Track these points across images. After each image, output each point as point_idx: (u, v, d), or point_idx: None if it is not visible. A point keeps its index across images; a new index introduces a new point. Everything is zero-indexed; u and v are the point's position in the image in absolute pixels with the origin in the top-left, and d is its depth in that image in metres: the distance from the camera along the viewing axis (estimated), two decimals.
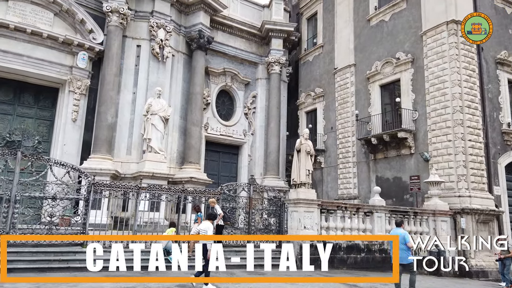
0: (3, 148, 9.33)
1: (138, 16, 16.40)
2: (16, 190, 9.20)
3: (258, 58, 20.35)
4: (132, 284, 7.73)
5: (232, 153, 19.72)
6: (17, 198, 9.17)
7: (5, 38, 13.74)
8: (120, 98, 15.76)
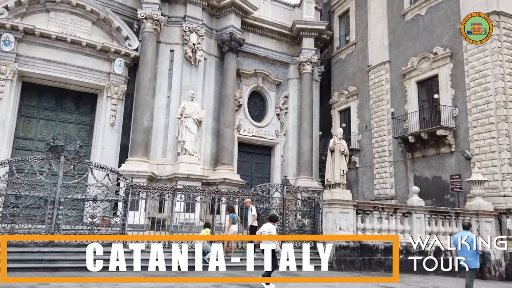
0: (48, 152, 9.78)
1: (171, 21, 16.77)
2: (60, 192, 9.65)
3: (289, 58, 20.24)
4: (170, 284, 7.91)
5: (265, 154, 19.72)
6: (61, 200, 9.61)
7: (47, 47, 14.45)
8: (155, 102, 16.17)
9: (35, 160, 9.73)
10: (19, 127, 14.58)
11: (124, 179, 10.69)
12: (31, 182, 9.57)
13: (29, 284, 7.02)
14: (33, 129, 14.98)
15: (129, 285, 7.60)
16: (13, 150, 14.22)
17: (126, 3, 16.08)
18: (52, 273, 7.05)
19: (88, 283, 7.31)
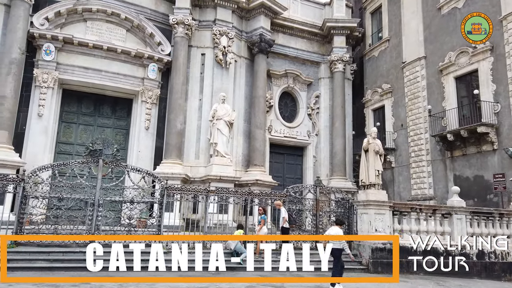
0: (87, 156, 10.18)
1: (202, 25, 17.02)
2: (99, 194, 10.01)
3: (320, 57, 20.00)
4: (205, 284, 8.00)
5: (297, 154, 19.57)
6: (100, 202, 9.97)
7: (85, 55, 15.04)
8: (187, 105, 16.45)
9: (76, 164, 10.16)
10: (60, 132, 15.25)
11: (159, 181, 10.94)
12: (72, 185, 10.00)
13: (72, 284, 7.31)
14: (73, 134, 15.63)
15: (166, 285, 7.75)
16: (55, 155, 14.89)
17: (158, 9, 16.47)
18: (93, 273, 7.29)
19: (126, 283, 7.51)
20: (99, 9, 15.06)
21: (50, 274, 7.16)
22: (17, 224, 9.28)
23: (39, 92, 14.22)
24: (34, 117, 14.14)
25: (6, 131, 13.11)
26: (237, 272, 9.40)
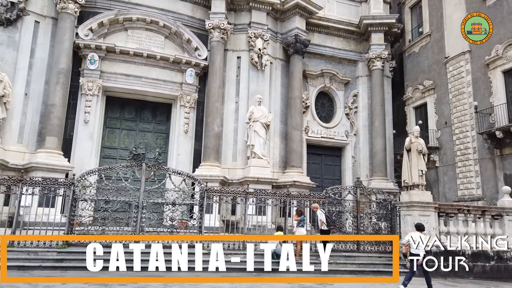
0: (131, 160, 10.61)
1: (237, 29, 17.19)
2: (143, 197, 10.36)
3: (357, 56, 19.58)
4: (248, 284, 8.05)
5: (335, 155, 19.26)
6: (144, 204, 10.32)
7: (126, 63, 15.63)
8: (224, 108, 16.66)
9: (121, 167, 10.58)
10: (105, 137, 15.92)
11: (199, 183, 11.16)
12: (117, 188, 10.42)
13: (120, 284, 7.60)
14: (117, 139, 16.27)
15: (208, 285, 7.89)
16: (100, 159, 15.57)
17: (194, 15, 16.82)
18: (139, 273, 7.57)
19: (171, 283, 7.72)
20: (139, 18, 15.61)
21: (98, 274, 7.47)
22: (68, 225, 9.79)
23: (85, 100, 14.93)
24: (80, 123, 14.87)
25: (56, 138, 13.87)
26: (275, 272, 9.39)
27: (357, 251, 11.76)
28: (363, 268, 10.89)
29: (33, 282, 7.30)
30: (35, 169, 12.96)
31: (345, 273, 10.58)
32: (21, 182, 9.75)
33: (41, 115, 14.24)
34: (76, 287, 7.24)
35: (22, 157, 13.63)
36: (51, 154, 13.49)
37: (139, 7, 15.87)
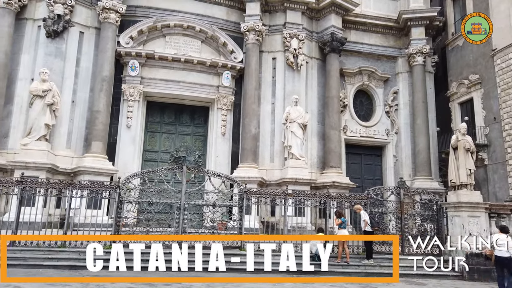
0: (172, 163, 10.85)
1: (272, 30, 17.18)
2: (184, 199, 10.58)
3: (397, 52, 18.95)
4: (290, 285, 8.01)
5: (375, 154, 18.74)
6: (185, 206, 10.54)
7: (165, 68, 16.05)
8: (260, 109, 16.68)
9: (163, 170, 10.89)
10: (146, 141, 16.42)
11: (238, 185, 11.23)
12: (159, 190, 10.70)
13: (165, 283, 7.78)
14: (157, 142, 16.73)
15: (253, 285, 7.91)
16: (142, 162, 16.07)
17: (230, 19, 16.99)
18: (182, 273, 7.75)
19: (213, 283, 7.80)
20: (176, 24, 15.98)
21: (143, 274, 7.70)
22: (115, 226, 10.18)
23: (127, 105, 15.48)
24: (123, 128, 15.43)
25: (101, 142, 14.48)
26: (316, 271, 9.30)
27: (402, 253, 11.36)
28: (409, 271, 10.50)
29: (84, 282, 7.62)
30: (82, 173, 13.59)
31: (389, 276, 10.25)
32: (71, 186, 10.25)
33: (87, 121, 14.92)
34: (124, 286, 7.48)
35: (70, 162, 14.34)
36: (97, 158, 14.10)
37: (176, 13, 16.25)
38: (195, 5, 16.57)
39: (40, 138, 13.37)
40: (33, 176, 11.57)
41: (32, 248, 9.70)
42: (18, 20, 14.65)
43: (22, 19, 14.82)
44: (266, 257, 7.54)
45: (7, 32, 14.11)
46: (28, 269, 8.90)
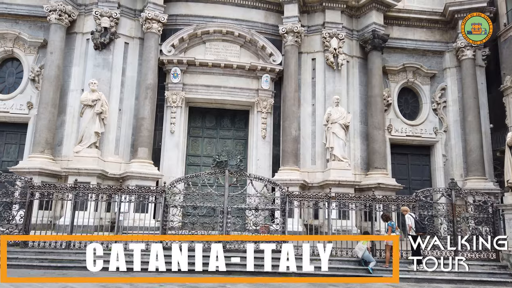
0: (214, 167, 11.03)
1: (311, 30, 16.99)
2: (227, 203, 10.70)
3: (443, 46, 18.05)
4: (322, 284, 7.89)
5: (422, 154, 17.95)
6: (228, 210, 10.65)
7: (206, 74, 16.36)
8: (300, 111, 16.54)
9: (206, 175, 11.07)
10: (189, 146, 16.79)
11: (280, 188, 11.18)
12: (203, 194, 10.90)
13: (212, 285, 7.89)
14: (200, 146, 17.07)
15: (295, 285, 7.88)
16: (186, 166, 16.46)
17: (268, 22, 17.01)
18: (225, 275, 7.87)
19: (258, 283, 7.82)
20: (215, 30, 16.25)
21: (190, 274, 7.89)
22: (161, 230, 10.49)
23: (170, 112, 15.94)
24: (167, 134, 15.89)
25: (146, 148, 15.00)
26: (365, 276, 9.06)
27: (455, 258, 10.75)
28: (462, 277, 9.92)
29: (134, 283, 7.89)
30: (130, 178, 14.14)
31: (443, 282, 9.76)
32: (120, 191, 10.69)
33: (133, 128, 15.53)
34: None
35: (118, 167, 14.97)
36: (143, 163, 14.62)
37: (215, 20, 16.51)
38: (233, 10, 16.76)
39: (91, 146, 14.07)
40: (85, 182, 12.21)
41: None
42: (68, 35, 15.60)
43: (72, 33, 15.77)
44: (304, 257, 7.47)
45: (59, 47, 15.05)
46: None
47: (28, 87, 15.72)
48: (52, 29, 15.12)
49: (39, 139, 14.40)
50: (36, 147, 14.34)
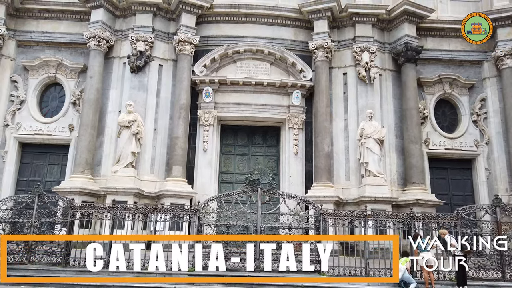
0: (247, 186, 11.06)
1: (341, 45, 16.90)
2: (260, 221, 10.65)
3: (481, 55, 17.35)
4: None
5: (463, 168, 17.14)
6: (262, 229, 10.58)
7: (237, 92, 16.59)
8: (333, 126, 16.36)
9: (238, 193, 11.11)
10: (221, 163, 16.94)
11: (314, 206, 11.01)
12: (236, 213, 10.91)
13: None
14: (232, 164, 17.19)
15: None
16: (219, 184, 16.60)
17: (297, 38, 17.08)
18: None
19: None
20: (246, 49, 16.52)
21: None
22: None
23: (203, 130, 16.22)
24: (200, 152, 16.15)
25: (180, 166, 15.30)
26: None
27: (503, 280, 10.14)
28: None
29: None
30: (165, 196, 14.44)
31: None
32: (156, 210, 10.92)
33: (167, 147, 15.90)
34: None
35: (154, 186, 15.33)
36: (177, 182, 14.91)
37: (246, 39, 16.78)
38: (263, 29, 16.99)
39: (128, 165, 14.54)
40: (122, 201, 12.59)
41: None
42: (106, 59, 16.37)
43: (109, 58, 16.53)
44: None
45: (98, 71, 15.82)
46: None
47: (70, 110, 16.55)
48: (91, 54, 15.93)
49: (79, 160, 15.04)
50: (77, 168, 14.98)
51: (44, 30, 16.89)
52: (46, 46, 17.02)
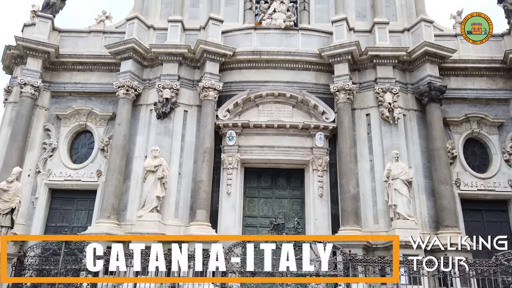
0: (272, 230, 10.86)
1: (363, 87, 17.01)
2: None
3: (508, 93, 16.94)
4: None
5: (499, 210, 16.27)
6: (287, 276, 10.18)
7: (260, 135, 16.71)
8: (358, 168, 16.07)
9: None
10: (245, 207, 16.76)
11: (342, 252, 10.60)
12: (260, 258, 10.59)
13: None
14: (256, 207, 16.97)
15: None
16: (243, 228, 16.31)
17: (318, 82, 17.33)
18: None
19: None
20: (268, 93, 16.85)
21: None
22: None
23: (226, 173, 16.25)
24: (224, 195, 16.09)
25: (204, 210, 15.23)
26: None
27: None
28: None
29: None
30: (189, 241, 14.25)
31: None
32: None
33: (191, 190, 15.96)
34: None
35: (178, 230, 15.23)
36: (201, 226, 14.78)
37: (267, 83, 17.16)
38: (284, 73, 17.37)
39: (152, 210, 14.59)
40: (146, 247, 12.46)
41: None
42: (134, 107, 17.01)
43: (137, 105, 17.18)
44: None
45: (126, 119, 16.41)
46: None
47: (98, 156, 17.05)
48: (120, 102, 16.63)
49: (106, 205, 15.25)
50: (103, 213, 15.15)
51: (76, 81, 17.88)
52: (78, 96, 17.93)
